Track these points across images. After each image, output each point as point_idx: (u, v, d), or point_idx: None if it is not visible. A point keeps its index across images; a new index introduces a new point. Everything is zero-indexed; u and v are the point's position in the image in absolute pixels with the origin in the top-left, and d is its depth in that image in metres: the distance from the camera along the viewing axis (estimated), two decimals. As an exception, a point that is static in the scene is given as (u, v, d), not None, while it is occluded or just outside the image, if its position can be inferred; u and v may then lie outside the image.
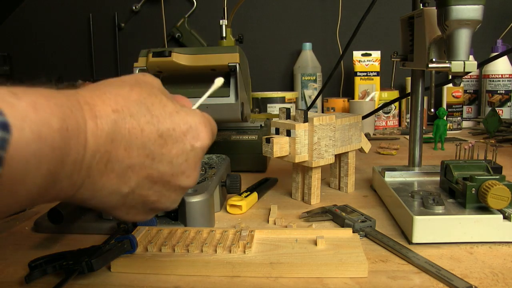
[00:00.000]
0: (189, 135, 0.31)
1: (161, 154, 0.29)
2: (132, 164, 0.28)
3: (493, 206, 0.50)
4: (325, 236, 0.49)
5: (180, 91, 0.79)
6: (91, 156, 0.26)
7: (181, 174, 0.31)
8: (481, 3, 0.53)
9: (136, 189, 0.29)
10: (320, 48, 1.64)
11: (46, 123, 0.22)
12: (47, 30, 1.72)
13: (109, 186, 0.28)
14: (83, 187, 0.27)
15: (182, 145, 0.30)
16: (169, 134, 0.29)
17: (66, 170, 0.24)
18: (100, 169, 0.27)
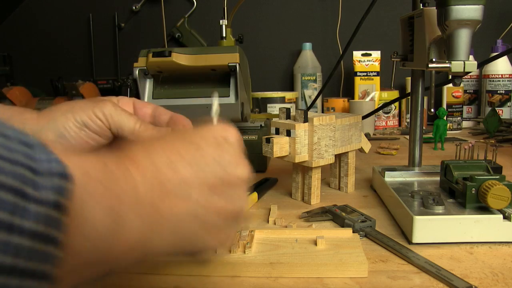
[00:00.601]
0: (217, 134, 0.32)
1: (204, 161, 0.30)
2: (186, 181, 0.28)
3: (493, 206, 0.50)
4: (325, 236, 0.49)
5: (180, 91, 0.79)
6: (147, 189, 0.26)
7: (232, 166, 0.31)
8: (481, 3, 0.53)
9: (201, 200, 0.29)
10: (320, 48, 1.64)
11: (92, 166, 0.23)
12: (47, 30, 1.72)
13: (179, 211, 0.28)
14: (158, 224, 0.27)
15: (217, 145, 0.31)
16: (202, 141, 0.31)
17: (127, 205, 0.25)
18: (162, 199, 0.27)
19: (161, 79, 0.80)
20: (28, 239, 0.17)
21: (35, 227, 0.18)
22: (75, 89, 1.30)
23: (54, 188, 0.19)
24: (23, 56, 1.72)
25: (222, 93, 0.77)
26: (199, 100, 0.77)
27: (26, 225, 0.17)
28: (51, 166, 0.19)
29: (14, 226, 0.17)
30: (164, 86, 0.80)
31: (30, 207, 0.18)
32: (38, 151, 0.20)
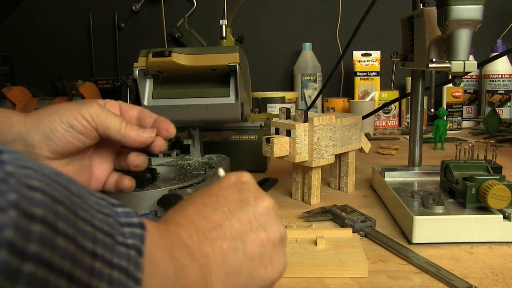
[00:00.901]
0: (232, 180, 0.35)
1: (230, 204, 0.33)
2: (221, 224, 0.31)
3: (493, 206, 0.50)
4: (325, 236, 0.49)
5: (180, 91, 0.79)
6: (189, 239, 0.30)
7: (256, 200, 0.34)
8: (481, 3, 0.53)
9: (244, 237, 0.32)
10: (320, 48, 1.64)
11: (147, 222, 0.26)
12: (47, 30, 1.72)
13: (226, 251, 0.30)
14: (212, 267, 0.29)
15: (236, 188, 0.35)
16: (221, 190, 0.34)
17: (184, 254, 0.28)
18: (206, 243, 0.30)
19: (161, 79, 0.80)
20: (118, 272, 0.21)
21: (125, 265, 0.22)
22: (75, 89, 1.30)
23: (136, 236, 0.24)
24: (23, 56, 1.72)
25: (222, 93, 0.77)
26: (199, 100, 0.77)
27: (115, 261, 0.21)
28: (133, 220, 0.24)
29: (109, 261, 0.21)
30: (164, 86, 0.80)
31: (120, 250, 0.22)
32: (120, 208, 0.25)
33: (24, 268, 0.16)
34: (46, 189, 0.19)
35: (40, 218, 0.17)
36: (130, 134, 0.44)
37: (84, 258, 0.19)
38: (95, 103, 0.44)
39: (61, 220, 0.19)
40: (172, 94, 0.79)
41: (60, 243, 0.18)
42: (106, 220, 0.22)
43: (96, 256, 0.20)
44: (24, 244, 0.16)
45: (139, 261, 0.23)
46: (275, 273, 0.32)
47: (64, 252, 0.18)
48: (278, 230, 0.33)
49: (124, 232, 0.23)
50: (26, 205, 0.17)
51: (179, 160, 0.80)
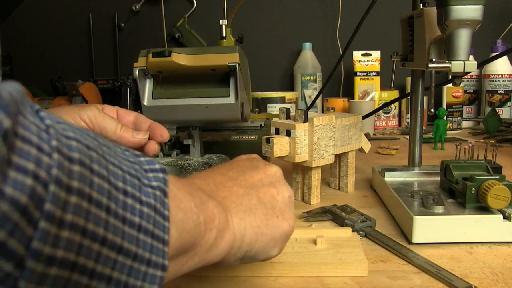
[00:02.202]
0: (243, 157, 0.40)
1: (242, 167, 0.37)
2: (236, 177, 0.35)
3: (493, 206, 0.50)
4: (324, 236, 0.49)
5: (180, 91, 0.79)
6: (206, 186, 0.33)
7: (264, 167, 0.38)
8: (481, 3, 0.53)
9: (256, 187, 0.35)
10: (320, 48, 1.64)
11: None
12: (47, 30, 1.72)
13: (241, 194, 0.34)
14: (231, 208, 0.32)
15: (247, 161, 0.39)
16: (234, 161, 0.39)
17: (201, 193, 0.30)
18: (223, 189, 0.33)
19: (161, 79, 0.80)
20: (147, 208, 0.24)
21: (153, 202, 0.25)
22: (75, 89, 1.30)
23: (159, 179, 0.26)
24: (23, 56, 1.72)
25: (222, 93, 0.77)
26: (199, 100, 0.77)
27: (144, 199, 0.24)
28: (155, 166, 0.27)
29: (139, 198, 0.24)
30: (164, 86, 0.80)
31: (147, 190, 0.25)
32: (143, 158, 0.27)
33: (70, 200, 0.19)
34: (80, 138, 0.21)
35: (78, 160, 0.20)
36: (125, 135, 0.49)
37: (117, 194, 0.22)
38: (93, 107, 0.48)
39: (95, 163, 0.22)
40: (172, 94, 0.79)
41: (97, 180, 0.21)
42: (132, 166, 0.25)
43: (127, 194, 0.23)
44: (68, 180, 0.19)
45: (164, 200, 0.26)
46: (286, 224, 0.35)
47: (100, 188, 0.21)
48: (287, 189, 0.37)
49: (149, 176, 0.26)
50: (66, 150, 0.20)
51: (179, 160, 0.80)
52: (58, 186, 0.19)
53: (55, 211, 0.18)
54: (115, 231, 0.22)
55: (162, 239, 0.25)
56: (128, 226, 0.23)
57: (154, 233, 0.24)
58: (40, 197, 0.18)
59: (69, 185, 0.19)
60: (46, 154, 0.19)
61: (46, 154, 0.19)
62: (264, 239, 0.33)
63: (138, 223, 0.23)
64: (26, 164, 0.18)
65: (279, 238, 0.34)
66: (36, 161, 0.18)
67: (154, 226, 0.24)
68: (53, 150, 0.19)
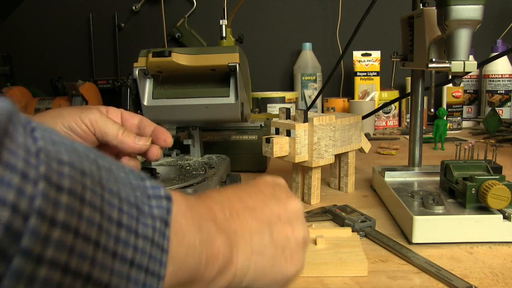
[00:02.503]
0: (268, 180, 0.38)
1: (264, 195, 0.35)
2: (254, 207, 0.33)
3: (493, 206, 0.50)
4: (324, 236, 0.49)
5: (180, 91, 0.79)
6: (221, 213, 0.31)
7: (287, 199, 0.35)
8: (481, 3, 0.53)
9: (272, 225, 0.33)
10: (320, 48, 1.64)
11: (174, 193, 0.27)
12: (47, 30, 1.72)
13: (254, 230, 0.32)
14: (239, 244, 0.30)
15: (270, 186, 0.36)
16: (257, 185, 0.37)
17: (211, 226, 0.29)
18: (236, 220, 0.31)
19: (161, 79, 0.80)
20: (143, 241, 0.22)
21: (151, 234, 0.23)
22: (75, 89, 1.30)
23: (162, 208, 0.25)
24: (23, 56, 1.72)
25: (222, 93, 0.77)
26: (199, 100, 0.77)
27: (141, 231, 0.22)
28: (160, 192, 0.25)
29: (134, 230, 0.22)
30: (164, 86, 0.80)
31: (146, 220, 0.23)
32: (148, 181, 0.26)
33: (53, 234, 0.18)
34: (75, 163, 0.20)
35: (68, 189, 0.19)
36: (127, 140, 0.47)
37: (110, 226, 0.21)
38: (96, 109, 0.47)
39: (88, 191, 0.20)
40: (172, 94, 0.79)
41: (87, 212, 0.19)
42: (133, 192, 0.24)
43: (122, 225, 0.21)
44: (53, 212, 0.18)
45: (165, 232, 0.24)
46: (293, 268, 0.33)
47: (90, 221, 0.20)
48: (303, 230, 0.35)
49: (151, 204, 0.24)
50: (55, 178, 0.18)
51: (179, 160, 0.80)
52: (40, 219, 0.17)
53: (34, 247, 0.17)
54: (103, 267, 0.20)
55: (157, 275, 0.23)
56: (118, 262, 0.21)
57: (149, 268, 0.23)
58: (17, 231, 0.16)
59: (53, 218, 0.18)
60: (31, 183, 0.17)
61: (31, 182, 0.17)
62: (266, 280, 0.32)
63: (130, 258, 0.22)
64: (5, 195, 0.16)
65: (282, 281, 0.33)
66: (17, 190, 0.17)
67: (150, 260, 0.23)
68: (40, 177, 0.18)
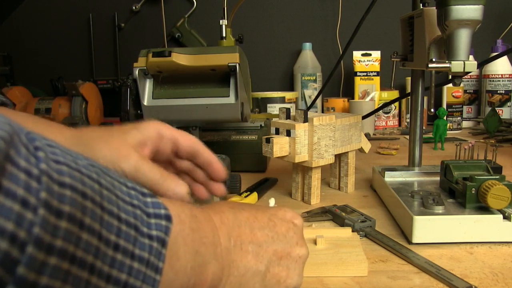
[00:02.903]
0: (287, 216, 0.37)
1: (276, 232, 0.34)
2: (260, 243, 0.33)
3: (493, 206, 0.50)
4: (324, 236, 0.49)
5: (180, 91, 0.79)
6: (226, 240, 0.31)
7: (296, 244, 0.35)
8: (481, 3, 0.53)
9: (270, 266, 0.33)
10: (320, 48, 1.64)
11: (181, 210, 0.28)
12: (47, 30, 1.72)
13: (250, 267, 0.32)
14: (231, 274, 0.31)
15: (286, 224, 0.36)
16: (275, 217, 0.36)
17: (209, 251, 0.29)
18: (238, 252, 0.31)
19: (161, 79, 0.80)
20: (138, 263, 0.23)
21: (146, 255, 0.23)
22: (75, 89, 1.30)
23: (161, 227, 0.25)
24: (23, 56, 1.72)
25: (222, 93, 0.77)
26: (199, 100, 0.77)
27: (137, 252, 0.23)
28: (160, 211, 0.25)
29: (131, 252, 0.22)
30: (164, 86, 0.80)
31: (144, 241, 0.23)
32: (149, 198, 0.26)
33: (49, 262, 0.18)
34: (77, 185, 0.20)
35: (67, 214, 0.19)
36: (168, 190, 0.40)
37: (106, 250, 0.21)
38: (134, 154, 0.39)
39: (88, 215, 0.20)
40: (172, 94, 0.79)
41: (85, 237, 0.20)
42: (133, 211, 0.24)
43: (118, 248, 0.22)
44: (51, 239, 0.18)
45: (161, 252, 0.24)
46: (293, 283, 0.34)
47: (87, 246, 0.20)
48: (297, 279, 0.34)
49: (150, 223, 0.24)
50: (56, 203, 0.18)
51: (179, 160, 0.80)
52: (37, 247, 0.17)
53: (28, 275, 0.17)
54: None
55: None
56: (112, 285, 0.21)
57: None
58: (13, 260, 0.16)
59: (51, 245, 0.18)
60: (31, 210, 0.17)
61: (30, 209, 0.17)
62: None
63: (124, 281, 0.22)
64: (5, 224, 0.16)
65: None
66: (17, 219, 0.17)
67: (143, 282, 0.23)
68: (40, 204, 0.18)
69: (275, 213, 0.36)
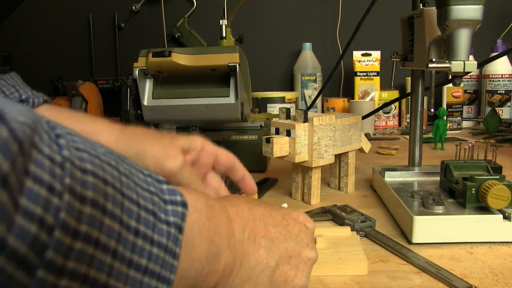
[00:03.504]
0: (300, 218, 0.37)
1: (288, 231, 0.35)
2: (273, 239, 0.33)
3: (493, 206, 0.50)
4: (324, 235, 0.49)
5: (180, 91, 0.79)
6: (240, 232, 0.31)
7: (306, 246, 0.35)
8: (481, 3, 0.53)
9: (279, 263, 0.33)
10: (320, 48, 1.64)
11: (197, 199, 0.28)
12: (47, 30, 1.72)
13: (261, 261, 0.32)
14: (242, 265, 0.31)
15: (299, 225, 0.36)
16: (289, 216, 0.36)
17: (223, 241, 0.29)
18: (251, 244, 0.32)
19: (161, 79, 0.80)
20: (157, 249, 0.23)
21: (164, 241, 0.24)
22: (75, 89, 1.30)
23: (177, 214, 0.25)
24: (23, 56, 1.72)
25: (222, 93, 0.77)
26: (199, 100, 0.77)
27: (156, 238, 0.23)
28: (176, 198, 0.26)
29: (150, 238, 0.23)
30: (164, 86, 0.80)
31: (162, 227, 0.24)
32: (165, 185, 0.26)
33: (75, 246, 0.18)
34: (98, 171, 0.20)
35: (91, 200, 0.19)
36: None
37: (128, 235, 0.21)
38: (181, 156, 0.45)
39: (109, 201, 0.21)
40: (172, 94, 0.79)
41: (107, 222, 0.20)
42: (151, 198, 0.24)
43: (139, 234, 0.22)
44: (76, 224, 0.18)
45: (178, 238, 0.25)
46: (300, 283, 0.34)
47: (110, 231, 0.20)
48: (304, 280, 0.35)
49: (167, 209, 0.25)
50: (79, 189, 0.19)
51: (179, 160, 0.80)
52: (63, 231, 0.18)
53: (56, 259, 0.18)
54: (119, 276, 0.21)
55: (168, 280, 0.24)
56: (133, 270, 0.22)
57: (161, 275, 0.23)
58: (42, 244, 0.17)
59: (76, 230, 0.18)
60: (56, 195, 0.18)
61: (56, 195, 0.18)
62: None
63: (144, 266, 0.22)
64: (34, 209, 0.17)
65: None
66: (44, 204, 0.17)
67: (162, 268, 0.23)
68: (64, 189, 0.18)
69: (289, 214, 0.37)
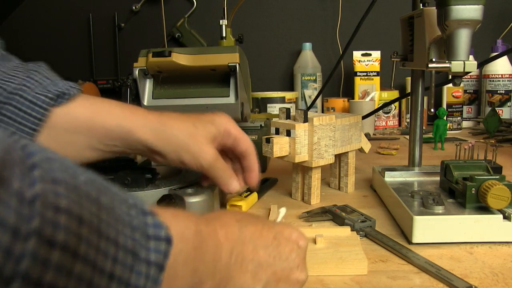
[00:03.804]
0: (293, 236, 0.36)
1: (279, 252, 0.34)
2: (261, 263, 0.32)
3: (493, 206, 0.50)
4: (324, 235, 0.49)
5: (180, 91, 0.79)
6: (227, 256, 0.30)
7: (296, 268, 0.35)
8: (481, 3, 0.53)
9: (267, 286, 0.32)
10: (320, 48, 1.64)
11: (186, 227, 0.27)
12: (47, 30, 1.72)
13: (246, 286, 0.31)
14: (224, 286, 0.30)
15: (291, 244, 0.35)
16: (280, 235, 0.35)
17: (208, 269, 0.28)
18: (237, 269, 0.31)
19: (161, 79, 0.80)
20: None
21: (142, 283, 0.22)
22: (75, 89, 1.30)
23: (159, 251, 0.23)
24: (23, 56, 1.71)
25: (222, 93, 0.77)
26: (199, 100, 0.77)
27: (133, 281, 0.22)
28: (161, 232, 0.24)
29: (126, 282, 0.21)
30: (164, 86, 0.80)
31: (141, 268, 0.22)
32: (150, 217, 0.24)
33: None
34: (73, 208, 0.19)
35: (61, 244, 0.18)
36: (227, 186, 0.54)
37: (100, 280, 0.20)
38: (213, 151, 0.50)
39: (83, 243, 0.19)
40: (172, 94, 0.79)
41: (78, 268, 0.18)
42: (132, 235, 0.22)
43: (113, 278, 0.21)
44: (40, 273, 0.17)
45: (158, 278, 0.23)
46: None
47: (80, 277, 0.19)
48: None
49: (149, 246, 0.23)
50: (49, 232, 0.17)
51: (179, 160, 0.80)
52: (25, 283, 0.16)
53: None
54: None
55: None
56: None
57: None
58: None
59: (40, 280, 0.17)
60: (20, 240, 0.16)
61: (20, 240, 0.16)
62: None
63: None
64: None
65: None
66: (5, 251, 0.16)
67: None
68: (31, 233, 0.16)
69: (281, 231, 0.35)
